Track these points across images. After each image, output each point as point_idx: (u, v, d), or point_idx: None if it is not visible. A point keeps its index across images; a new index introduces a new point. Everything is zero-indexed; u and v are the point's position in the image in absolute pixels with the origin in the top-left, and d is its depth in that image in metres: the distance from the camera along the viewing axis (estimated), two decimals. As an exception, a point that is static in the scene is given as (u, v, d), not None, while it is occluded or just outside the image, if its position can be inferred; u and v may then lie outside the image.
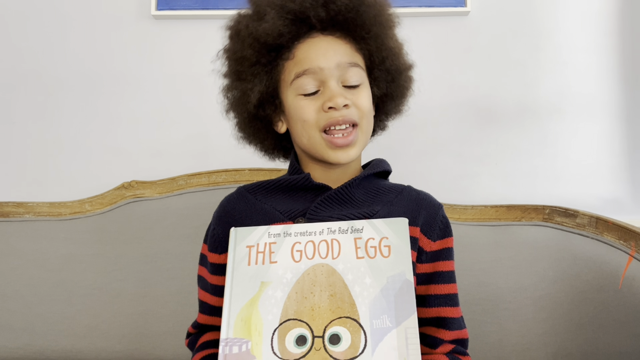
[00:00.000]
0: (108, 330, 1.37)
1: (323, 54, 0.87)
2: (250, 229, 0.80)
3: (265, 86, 0.90)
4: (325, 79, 0.86)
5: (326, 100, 0.85)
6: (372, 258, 0.76)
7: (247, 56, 0.90)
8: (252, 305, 0.74)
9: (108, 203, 1.47)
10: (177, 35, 1.59)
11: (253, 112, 0.93)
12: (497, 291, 1.32)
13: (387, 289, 0.73)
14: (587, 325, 1.24)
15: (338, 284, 0.75)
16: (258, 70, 0.90)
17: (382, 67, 0.92)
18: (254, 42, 0.88)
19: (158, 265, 1.40)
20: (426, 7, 1.54)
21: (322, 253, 0.77)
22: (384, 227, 0.78)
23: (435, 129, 1.55)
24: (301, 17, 0.87)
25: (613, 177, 1.53)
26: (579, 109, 1.55)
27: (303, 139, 0.89)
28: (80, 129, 1.58)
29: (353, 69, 0.87)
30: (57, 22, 1.61)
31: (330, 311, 0.73)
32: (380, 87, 0.94)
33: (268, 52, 0.89)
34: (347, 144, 0.87)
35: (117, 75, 1.59)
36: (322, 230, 0.78)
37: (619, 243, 1.24)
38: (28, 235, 1.44)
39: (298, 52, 0.88)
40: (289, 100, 0.89)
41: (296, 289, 0.75)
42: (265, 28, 0.86)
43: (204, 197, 1.46)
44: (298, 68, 0.87)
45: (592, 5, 1.56)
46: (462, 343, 0.87)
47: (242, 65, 0.91)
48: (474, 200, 1.48)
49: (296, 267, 0.76)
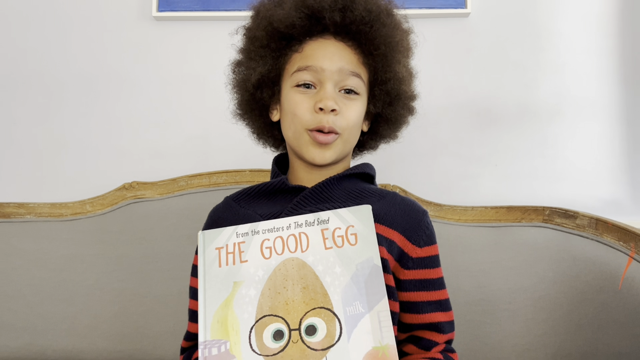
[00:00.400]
0: (109, 330, 1.37)
1: (329, 56, 0.88)
2: (218, 231, 0.81)
3: (268, 70, 0.92)
4: (324, 80, 0.87)
5: (318, 101, 0.86)
6: (340, 247, 0.77)
7: (258, 37, 0.92)
8: (227, 306, 0.75)
9: (109, 204, 1.48)
10: (178, 36, 1.60)
11: (251, 92, 0.95)
12: (496, 292, 1.32)
13: (357, 275, 0.75)
14: (587, 326, 1.24)
15: (309, 276, 0.76)
16: (265, 53, 0.92)
17: (383, 88, 0.92)
18: (268, 25, 0.90)
19: (159, 266, 1.40)
20: (426, 8, 1.54)
21: (291, 247, 0.78)
22: (349, 216, 0.79)
23: (435, 130, 1.56)
24: (317, 16, 0.88)
25: (613, 178, 1.53)
26: (579, 111, 1.55)
27: (289, 132, 0.91)
28: (82, 129, 1.58)
29: (353, 78, 0.89)
30: (59, 23, 1.61)
31: (304, 303, 0.74)
32: (376, 106, 0.94)
33: (279, 39, 0.91)
34: (328, 142, 0.87)
35: (118, 76, 1.59)
36: (290, 225, 0.79)
37: (618, 244, 1.24)
38: (29, 235, 1.45)
39: (307, 48, 0.90)
40: (285, 89, 0.91)
41: (269, 285, 0.76)
42: (280, 15, 0.88)
43: (204, 197, 1.46)
44: (302, 62, 0.89)
45: (592, 7, 1.56)
46: (451, 342, 0.90)
47: (253, 44, 0.93)
48: (474, 201, 1.49)
49: (267, 264, 0.77)
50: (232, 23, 1.59)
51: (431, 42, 1.57)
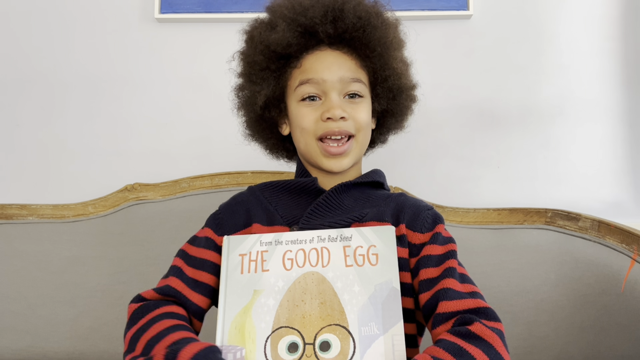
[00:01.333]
0: (111, 332, 1.37)
1: (328, 67, 0.91)
2: (243, 238, 0.82)
3: (272, 90, 0.96)
4: (327, 90, 0.91)
5: (325, 111, 0.89)
6: (361, 266, 0.78)
7: (257, 61, 0.95)
8: (245, 313, 0.77)
9: (111, 205, 1.48)
10: (180, 38, 1.60)
11: (259, 113, 0.98)
12: (499, 294, 1.32)
13: (374, 296, 0.76)
14: (589, 329, 1.24)
15: (328, 292, 0.77)
16: (267, 75, 0.95)
17: (384, 85, 0.96)
18: (265, 49, 0.93)
19: (161, 268, 1.38)
20: (429, 10, 1.54)
21: (312, 261, 0.79)
22: (371, 235, 0.81)
23: (438, 132, 1.56)
24: (310, 31, 0.91)
25: (615, 180, 1.53)
26: (582, 113, 1.55)
27: (300, 144, 0.95)
28: (84, 131, 1.58)
29: (355, 84, 0.92)
30: (61, 25, 1.61)
31: (320, 319, 0.75)
32: (381, 103, 0.98)
33: (277, 60, 0.94)
34: (341, 152, 0.91)
35: (120, 78, 1.59)
36: (312, 239, 0.81)
37: (621, 246, 1.24)
38: (31, 237, 1.45)
39: (305, 62, 0.93)
40: (292, 105, 0.95)
41: (288, 297, 0.77)
42: (276, 38, 0.91)
43: (206, 199, 1.46)
44: (303, 76, 0.92)
45: (594, 9, 1.56)
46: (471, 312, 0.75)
47: (253, 68, 0.97)
48: (476, 203, 1.48)
49: (287, 275, 0.79)
50: (235, 25, 1.59)
51: (433, 44, 1.57)
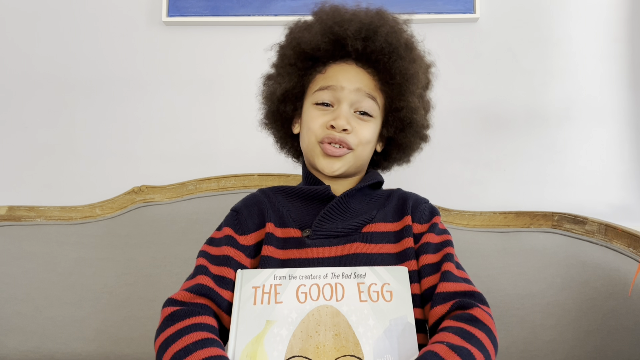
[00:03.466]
0: (117, 334, 1.38)
1: (349, 78, 0.96)
2: (256, 272, 0.84)
3: (293, 86, 1.01)
4: (341, 99, 0.95)
5: (331, 119, 0.94)
6: (375, 302, 0.79)
7: (287, 55, 1.01)
8: (257, 342, 0.76)
9: (118, 207, 1.48)
10: (188, 41, 1.61)
11: (276, 104, 1.03)
12: (505, 298, 1.32)
13: (390, 330, 0.76)
14: (596, 333, 1.24)
15: (342, 324, 0.77)
16: (292, 71, 1.00)
17: (396, 115, 0.99)
18: (297, 45, 0.99)
19: (167, 270, 1.41)
20: (435, 13, 1.55)
21: (326, 295, 0.80)
22: (385, 275, 0.82)
23: (444, 135, 1.55)
24: (341, 42, 0.96)
25: (622, 183, 1.53)
26: (588, 116, 1.54)
27: (304, 143, 1.00)
28: (91, 133, 1.59)
29: (369, 100, 0.96)
30: (69, 28, 1.62)
31: (335, 349, 0.75)
32: (389, 130, 1.02)
33: (305, 59, 0.99)
34: (337, 154, 0.95)
35: (127, 81, 1.60)
36: (327, 275, 0.82)
37: (628, 250, 1.23)
38: (39, 239, 1.45)
39: (329, 70, 0.98)
40: (307, 105, 1.00)
41: (301, 328, 0.77)
42: (307, 38, 0.97)
43: (213, 202, 1.47)
44: (324, 82, 0.97)
45: (601, 12, 1.56)
46: (468, 295, 0.84)
47: (282, 61, 1.03)
48: (482, 206, 1.48)
49: (301, 308, 0.79)
50: (242, 28, 1.60)
51: (440, 47, 1.56)
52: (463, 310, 0.81)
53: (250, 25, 1.59)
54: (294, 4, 1.57)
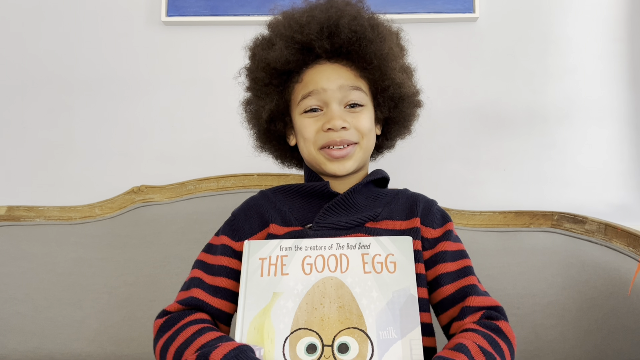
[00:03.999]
0: (117, 334, 1.37)
1: (327, 77, 0.94)
2: (263, 243, 0.84)
3: (276, 105, 0.99)
4: (328, 100, 0.93)
5: (325, 122, 0.93)
6: (379, 273, 0.80)
7: (260, 77, 0.99)
8: (264, 314, 0.78)
9: (118, 207, 1.48)
10: (187, 41, 1.61)
11: (265, 127, 1.02)
12: (505, 297, 1.31)
13: (392, 302, 0.78)
14: (596, 332, 1.24)
15: (346, 297, 0.79)
16: (270, 91, 0.99)
17: (385, 95, 0.98)
18: (266, 66, 0.97)
19: (167, 270, 1.41)
20: (435, 13, 1.55)
21: (331, 267, 0.81)
22: (389, 244, 0.83)
23: (444, 134, 1.56)
24: (307, 47, 0.95)
25: (622, 183, 1.53)
26: (588, 115, 1.55)
27: (304, 154, 0.98)
28: (91, 133, 1.59)
29: (355, 92, 0.95)
30: (68, 28, 1.62)
31: (339, 322, 0.77)
32: (383, 111, 1.00)
33: (279, 76, 0.98)
34: (343, 155, 0.94)
35: (127, 81, 1.60)
36: (332, 246, 0.83)
37: (628, 250, 1.23)
38: (38, 239, 1.45)
39: (305, 77, 0.96)
40: (295, 118, 0.98)
41: (306, 300, 0.79)
42: (274, 56, 0.95)
43: (212, 201, 1.47)
44: (304, 90, 0.95)
45: (600, 12, 1.56)
46: (495, 309, 0.85)
47: (256, 84, 1.01)
48: (482, 206, 1.48)
49: (307, 279, 0.80)
50: (241, 28, 1.60)
51: (439, 47, 1.57)
52: (490, 320, 0.83)
53: (250, 25, 1.58)
54: (294, 3, 1.57)
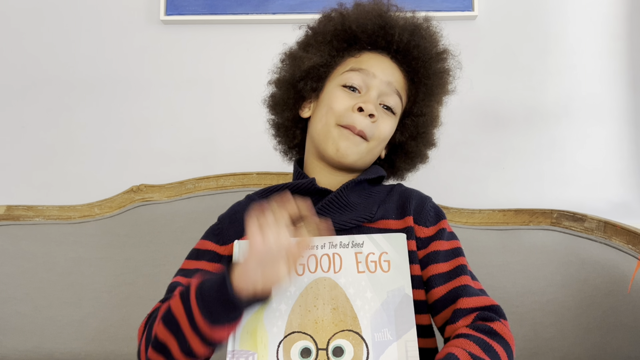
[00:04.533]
0: (117, 334, 1.38)
1: (383, 68, 0.94)
2: None
3: (321, 64, 0.96)
4: (371, 86, 0.92)
5: (361, 102, 0.89)
6: (373, 273, 0.79)
7: (325, 31, 0.97)
8: (256, 318, 0.76)
9: (117, 206, 1.48)
10: (186, 40, 1.61)
11: (296, 80, 0.97)
12: (505, 295, 1.32)
13: (387, 303, 0.76)
14: (596, 330, 1.24)
15: (340, 298, 0.77)
16: (325, 48, 0.96)
17: (415, 120, 0.98)
18: (339, 23, 0.96)
19: (166, 269, 1.40)
20: (434, 11, 1.54)
21: (324, 267, 0.79)
22: (383, 242, 0.81)
23: (443, 132, 1.53)
24: (387, 31, 0.94)
25: (621, 181, 1.53)
26: (587, 113, 1.54)
27: (319, 124, 0.94)
28: (90, 133, 1.59)
29: (395, 97, 0.94)
30: (67, 27, 1.62)
31: (333, 324, 0.75)
32: (402, 135, 0.99)
33: (343, 40, 0.96)
34: (358, 133, 0.90)
35: (126, 80, 1.60)
36: (324, 244, 0.81)
37: (627, 247, 1.24)
38: (38, 238, 1.45)
39: (364, 56, 0.96)
40: (330, 87, 0.95)
41: (300, 302, 0.77)
42: (355, 16, 0.95)
43: (212, 200, 1.46)
44: (356, 64, 0.94)
45: (599, 9, 1.56)
46: (490, 309, 0.81)
47: (315, 38, 0.98)
48: (482, 204, 1.48)
49: (299, 281, 0.78)
50: (240, 26, 1.60)
51: (438, 45, 1.57)
52: (484, 322, 0.78)
53: (249, 23, 1.59)
54: (292, 2, 1.57)
